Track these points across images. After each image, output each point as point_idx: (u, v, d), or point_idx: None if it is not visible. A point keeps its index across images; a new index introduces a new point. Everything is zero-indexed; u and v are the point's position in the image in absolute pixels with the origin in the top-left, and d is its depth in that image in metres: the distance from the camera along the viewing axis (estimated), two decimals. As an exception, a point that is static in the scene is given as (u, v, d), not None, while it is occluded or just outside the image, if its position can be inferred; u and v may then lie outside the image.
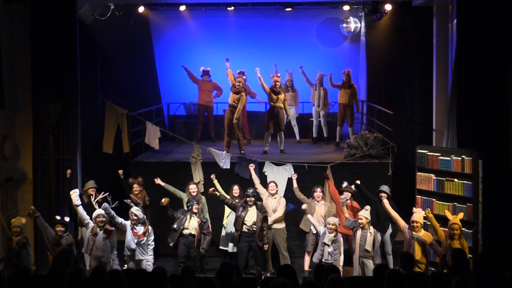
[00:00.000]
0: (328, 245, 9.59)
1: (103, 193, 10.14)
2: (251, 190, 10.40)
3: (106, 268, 8.00)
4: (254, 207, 10.30)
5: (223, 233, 11.27)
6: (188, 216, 10.21)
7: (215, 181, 11.03)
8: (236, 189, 10.74)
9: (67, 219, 9.64)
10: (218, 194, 10.55)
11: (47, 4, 10.98)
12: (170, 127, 15.23)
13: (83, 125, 11.86)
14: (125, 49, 14.65)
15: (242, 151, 12.30)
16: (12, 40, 11.12)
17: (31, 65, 11.08)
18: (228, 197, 10.63)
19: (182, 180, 11.75)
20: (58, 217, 9.56)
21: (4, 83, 10.25)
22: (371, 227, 9.52)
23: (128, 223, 9.91)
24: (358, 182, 10.63)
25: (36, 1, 10.95)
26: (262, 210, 10.30)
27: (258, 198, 10.64)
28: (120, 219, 9.82)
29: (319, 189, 10.61)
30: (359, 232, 9.53)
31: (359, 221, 9.57)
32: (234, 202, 10.48)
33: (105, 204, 9.61)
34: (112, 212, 9.67)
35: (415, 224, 9.16)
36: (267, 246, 10.36)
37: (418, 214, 9.34)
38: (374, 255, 9.46)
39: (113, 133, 12.07)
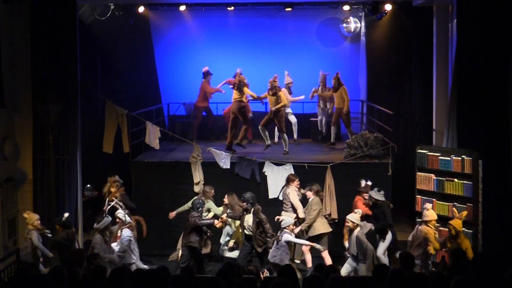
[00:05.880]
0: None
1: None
2: (248, 195, 10.33)
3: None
4: (251, 211, 10.23)
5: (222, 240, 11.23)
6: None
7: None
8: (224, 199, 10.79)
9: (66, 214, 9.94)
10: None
11: (47, 4, 10.96)
12: (170, 127, 15.22)
13: (83, 125, 11.84)
14: (125, 49, 14.65)
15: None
16: (12, 40, 11.11)
17: (31, 65, 11.06)
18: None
19: (182, 180, 11.76)
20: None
21: (4, 83, 10.24)
22: (357, 230, 9.42)
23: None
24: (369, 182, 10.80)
25: (36, 1, 10.93)
26: (256, 215, 10.16)
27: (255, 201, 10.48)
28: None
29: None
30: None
31: (346, 224, 9.61)
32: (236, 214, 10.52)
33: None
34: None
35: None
36: None
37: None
38: (366, 259, 9.28)
39: (113, 133, 12.05)
